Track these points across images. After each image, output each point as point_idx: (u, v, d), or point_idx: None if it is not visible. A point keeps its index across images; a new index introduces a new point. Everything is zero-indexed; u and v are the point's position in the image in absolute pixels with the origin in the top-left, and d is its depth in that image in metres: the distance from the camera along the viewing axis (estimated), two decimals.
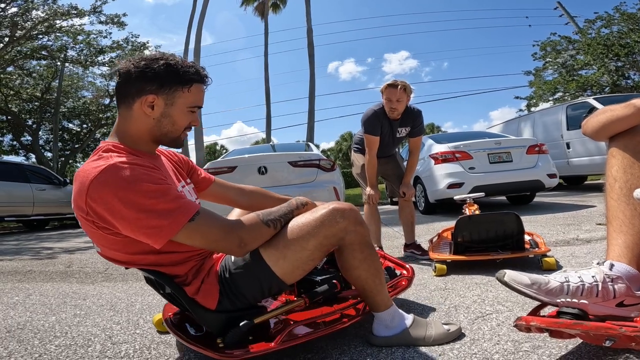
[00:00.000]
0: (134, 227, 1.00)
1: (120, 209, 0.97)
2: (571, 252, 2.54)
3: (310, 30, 17.22)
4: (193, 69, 1.14)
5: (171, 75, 1.11)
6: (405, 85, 2.52)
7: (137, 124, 1.14)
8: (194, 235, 1.04)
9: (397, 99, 2.53)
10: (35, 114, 17.71)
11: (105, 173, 0.98)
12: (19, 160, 15.50)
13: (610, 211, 1.10)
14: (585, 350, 1.13)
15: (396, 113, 2.62)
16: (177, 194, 1.05)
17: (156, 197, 0.99)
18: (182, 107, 1.15)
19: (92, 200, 0.99)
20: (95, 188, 0.97)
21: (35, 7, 13.31)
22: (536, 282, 1.03)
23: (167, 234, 1.01)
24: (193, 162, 1.51)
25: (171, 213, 1.00)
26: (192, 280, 1.17)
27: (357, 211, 1.23)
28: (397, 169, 2.96)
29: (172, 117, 1.15)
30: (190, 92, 1.15)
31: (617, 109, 1.10)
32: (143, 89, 1.10)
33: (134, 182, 0.98)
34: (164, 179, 1.07)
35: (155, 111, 1.13)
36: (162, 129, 1.16)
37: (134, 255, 1.12)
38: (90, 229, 1.07)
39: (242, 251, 1.11)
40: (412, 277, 1.69)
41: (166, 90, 1.12)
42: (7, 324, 1.75)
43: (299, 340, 1.17)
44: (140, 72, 1.10)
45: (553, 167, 5.38)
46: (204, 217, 1.05)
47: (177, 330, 1.25)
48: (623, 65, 14.20)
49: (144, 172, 1.02)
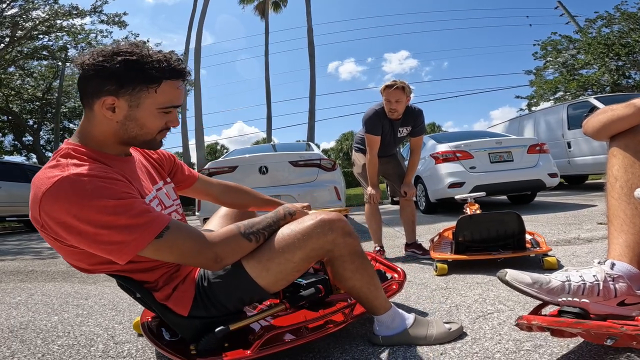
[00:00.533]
0: (91, 243, 0.91)
1: (76, 224, 0.88)
2: (572, 251, 2.54)
3: (310, 30, 17.25)
4: (162, 64, 0.99)
5: (133, 73, 0.96)
6: (403, 86, 2.53)
7: (100, 126, 1.02)
8: (163, 252, 0.96)
9: (397, 100, 2.54)
10: (36, 114, 17.75)
11: (58, 187, 0.88)
12: (19, 161, 15.54)
13: (611, 210, 1.11)
14: (587, 349, 1.13)
15: (396, 114, 2.63)
16: (143, 208, 0.95)
17: (116, 212, 0.90)
18: (150, 109, 1.01)
19: (45, 214, 0.90)
20: (47, 202, 0.88)
21: (36, 7, 13.34)
22: (537, 281, 1.03)
23: (131, 250, 0.92)
24: (178, 159, 1.44)
25: (136, 229, 0.91)
26: (162, 286, 1.10)
27: (345, 222, 1.18)
28: (398, 168, 2.96)
29: (139, 120, 1.01)
30: (159, 91, 1.00)
31: (618, 109, 1.10)
32: (100, 90, 0.97)
33: (90, 198, 0.88)
34: (128, 192, 0.96)
35: (117, 114, 0.99)
36: (129, 133, 1.03)
37: (99, 265, 1.03)
38: (48, 239, 0.99)
39: (219, 266, 1.04)
40: (403, 281, 1.65)
41: (128, 91, 0.97)
42: (10, 324, 1.76)
43: (278, 347, 1.12)
44: (95, 69, 0.95)
45: (554, 167, 5.37)
46: (174, 232, 0.96)
47: (150, 335, 1.21)
48: (624, 64, 14.20)
49: (103, 186, 0.91)
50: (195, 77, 16.53)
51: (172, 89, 1.03)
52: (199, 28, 16.68)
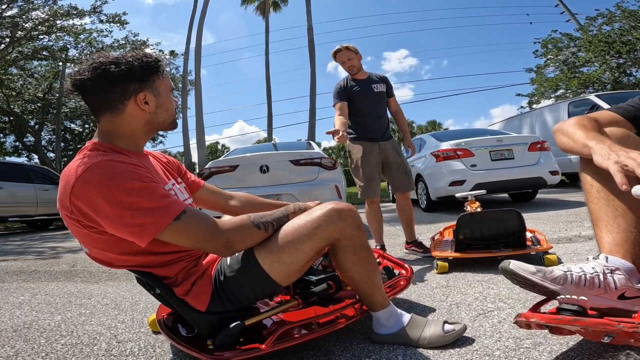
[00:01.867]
0: (117, 225, 0.99)
1: (104, 206, 0.97)
2: (573, 249, 2.55)
3: (310, 28, 17.25)
4: (151, 57, 1.16)
5: (144, 68, 1.12)
6: (347, 46, 2.82)
7: (131, 124, 1.14)
8: (180, 235, 1.03)
9: (348, 58, 2.80)
10: (37, 115, 17.78)
11: (90, 171, 0.98)
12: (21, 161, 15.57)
13: (594, 214, 1.13)
14: (586, 347, 1.13)
15: (355, 69, 2.83)
16: (163, 192, 1.04)
17: (141, 194, 0.99)
18: (166, 94, 1.19)
19: (76, 198, 0.98)
20: (79, 186, 0.97)
21: (35, 7, 13.36)
22: (541, 270, 1.04)
23: (152, 232, 1.00)
24: (183, 166, 1.52)
25: (156, 211, 0.99)
26: (182, 281, 1.15)
27: (355, 212, 1.21)
28: (396, 156, 2.91)
29: (165, 105, 1.18)
30: (165, 77, 1.18)
31: (580, 148, 1.10)
32: (127, 90, 1.10)
33: (118, 179, 0.97)
34: (150, 176, 1.06)
35: (150, 105, 1.14)
36: (159, 119, 1.18)
37: (121, 255, 1.10)
38: (75, 228, 1.06)
39: (229, 252, 1.10)
40: (410, 277, 1.68)
41: (149, 84, 1.13)
42: (14, 323, 1.77)
43: (292, 342, 1.15)
44: (114, 77, 1.07)
45: (555, 164, 5.37)
46: (190, 216, 1.04)
47: (168, 331, 1.24)
48: (625, 62, 14.17)
49: (129, 170, 1.01)
50: (196, 76, 16.56)
51: (167, 74, 1.21)
52: (199, 28, 16.69)
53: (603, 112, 1.27)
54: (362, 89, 2.83)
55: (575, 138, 1.13)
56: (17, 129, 17.82)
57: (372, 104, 2.85)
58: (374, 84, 2.88)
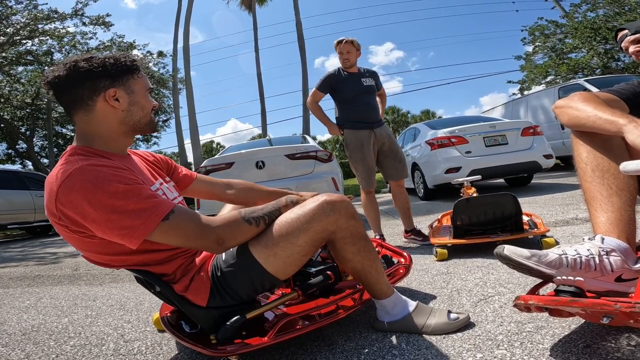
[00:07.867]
0: (105, 229, 0.99)
1: (90, 212, 0.96)
2: (571, 231, 2.58)
3: (299, 24, 17.11)
4: (128, 58, 1.15)
5: (116, 66, 1.11)
6: (352, 40, 2.94)
7: (105, 122, 1.13)
8: (170, 234, 1.03)
9: (348, 51, 2.91)
10: (27, 121, 17.56)
11: (72, 177, 0.97)
12: (16, 168, 15.45)
13: (588, 193, 1.13)
14: (588, 330, 1.14)
15: (349, 63, 2.93)
16: (149, 193, 1.04)
17: (126, 197, 0.98)
18: (142, 92, 1.17)
19: (62, 205, 0.98)
20: (63, 193, 0.97)
21: (14, 12, 13.15)
22: (535, 254, 1.04)
23: (141, 233, 0.99)
24: (172, 161, 1.50)
25: (143, 212, 0.99)
26: (180, 277, 1.16)
27: (348, 202, 1.21)
28: (391, 144, 2.94)
29: (140, 103, 1.16)
30: (140, 76, 1.17)
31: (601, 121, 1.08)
32: (97, 87, 1.09)
33: (101, 183, 0.97)
34: (134, 178, 1.05)
35: (122, 102, 1.12)
36: (134, 117, 1.16)
37: (117, 256, 1.10)
38: (66, 234, 1.06)
39: (221, 249, 1.10)
40: (410, 265, 1.68)
41: (120, 82, 1.12)
42: (22, 327, 1.79)
43: (294, 333, 1.16)
44: (84, 73, 1.07)
45: (549, 148, 5.41)
46: (179, 215, 1.04)
47: (172, 328, 1.25)
48: (612, 47, 14.18)
49: (111, 173, 1.00)
50: (186, 74, 16.39)
51: (143, 75, 1.20)
52: (185, 26, 16.45)
53: (600, 92, 1.27)
54: (352, 82, 2.93)
55: (596, 113, 1.10)
56: (9, 136, 17.62)
57: (362, 95, 2.93)
58: (363, 77, 2.97)
